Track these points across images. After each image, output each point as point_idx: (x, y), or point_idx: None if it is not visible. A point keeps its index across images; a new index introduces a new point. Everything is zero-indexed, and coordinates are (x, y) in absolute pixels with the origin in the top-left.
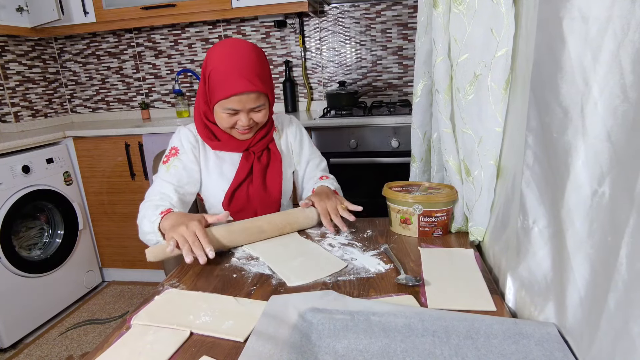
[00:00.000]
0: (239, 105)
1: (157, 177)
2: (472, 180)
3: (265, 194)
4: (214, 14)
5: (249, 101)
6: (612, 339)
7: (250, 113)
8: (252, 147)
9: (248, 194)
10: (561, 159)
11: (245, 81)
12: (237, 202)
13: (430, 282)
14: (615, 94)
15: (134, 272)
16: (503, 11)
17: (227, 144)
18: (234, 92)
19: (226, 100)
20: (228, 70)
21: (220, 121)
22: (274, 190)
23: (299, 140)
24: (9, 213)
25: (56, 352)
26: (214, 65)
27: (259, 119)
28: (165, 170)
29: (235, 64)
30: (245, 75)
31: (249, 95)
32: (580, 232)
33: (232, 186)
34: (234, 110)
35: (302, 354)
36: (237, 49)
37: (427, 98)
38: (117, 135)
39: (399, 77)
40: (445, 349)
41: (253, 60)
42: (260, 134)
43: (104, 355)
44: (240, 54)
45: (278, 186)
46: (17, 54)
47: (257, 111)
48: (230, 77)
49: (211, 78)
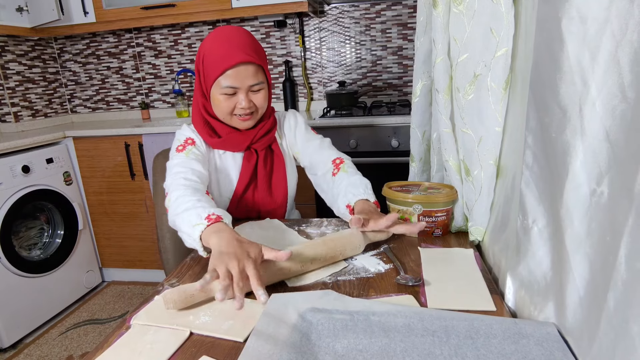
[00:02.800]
0: (237, 82)
1: (174, 164)
2: (471, 180)
3: (271, 199)
4: (214, 14)
5: (248, 76)
6: (612, 339)
7: (250, 94)
8: (255, 143)
9: (254, 199)
10: (560, 158)
11: (241, 52)
12: (241, 208)
13: (430, 282)
14: (613, 93)
15: (134, 272)
16: (503, 11)
17: (228, 140)
18: (230, 63)
19: (223, 77)
20: (222, 46)
21: (219, 105)
22: (279, 195)
23: (293, 128)
24: (9, 213)
25: (56, 352)
26: (206, 48)
27: (259, 101)
28: (185, 156)
29: (228, 40)
30: (241, 48)
31: (247, 67)
32: (579, 231)
33: (238, 192)
34: (232, 88)
35: (302, 354)
36: (229, 30)
37: (427, 98)
38: (117, 135)
39: (398, 77)
40: (445, 348)
41: (246, 36)
42: (263, 129)
43: (104, 355)
44: (232, 33)
45: (284, 191)
46: (17, 54)
47: (256, 91)
48: (224, 52)
49: (205, 62)
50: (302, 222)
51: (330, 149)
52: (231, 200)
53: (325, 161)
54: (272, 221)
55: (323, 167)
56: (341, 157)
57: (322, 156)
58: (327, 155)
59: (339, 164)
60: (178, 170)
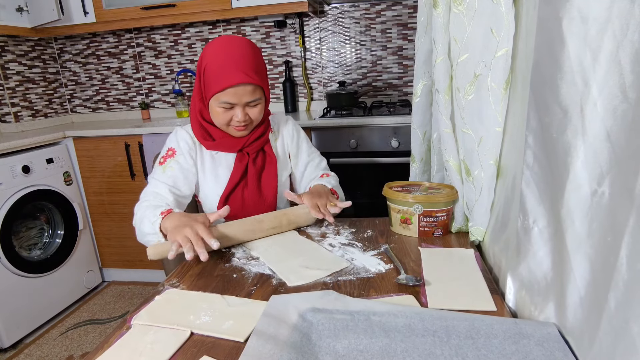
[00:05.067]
0: (235, 99)
1: (152, 177)
2: (472, 180)
3: (260, 198)
4: (214, 14)
5: (245, 94)
6: (613, 339)
7: (246, 108)
8: (247, 147)
9: (243, 197)
10: (561, 158)
11: (241, 73)
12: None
13: (431, 282)
14: (614, 94)
15: (134, 272)
16: (503, 11)
17: (222, 143)
18: (230, 84)
19: (222, 93)
20: (223, 63)
21: (216, 116)
22: (269, 194)
23: (296, 141)
24: (9, 213)
25: (56, 352)
26: (209, 59)
27: (255, 114)
28: (162, 172)
29: (231, 57)
30: (241, 68)
31: (245, 87)
32: (580, 231)
33: (227, 190)
34: (230, 104)
35: (302, 354)
36: (233, 43)
37: (427, 98)
38: (117, 135)
39: (399, 77)
40: (446, 348)
41: (249, 53)
42: (255, 134)
43: (104, 356)
44: (235, 47)
45: (273, 190)
46: (17, 54)
47: (253, 106)
48: (225, 69)
49: (206, 72)
50: None
51: (324, 170)
52: (220, 198)
53: (315, 180)
54: None
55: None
56: (329, 174)
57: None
58: (319, 174)
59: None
60: (146, 192)
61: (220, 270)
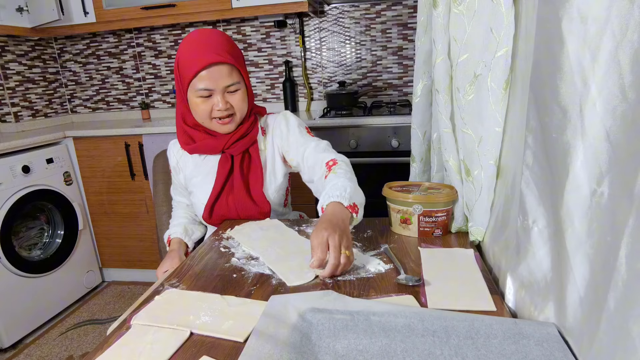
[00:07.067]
0: (211, 83)
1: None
2: (472, 180)
3: (252, 203)
4: (214, 14)
5: (222, 77)
6: (612, 339)
7: (226, 95)
8: (230, 148)
9: (228, 205)
10: (560, 159)
11: (212, 53)
12: (217, 215)
13: (430, 282)
14: (613, 94)
15: (134, 272)
16: (503, 11)
17: (202, 145)
18: (202, 65)
19: (197, 79)
20: (194, 49)
21: (197, 109)
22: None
23: (285, 134)
24: (9, 213)
25: (56, 352)
26: (180, 52)
27: (236, 102)
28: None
29: (200, 41)
30: (212, 49)
31: (219, 68)
32: (579, 232)
33: (212, 197)
34: (207, 90)
35: (302, 354)
36: (203, 32)
37: (427, 98)
38: (117, 135)
39: (398, 77)
40: (445, 349)
41: (219, 37)
42: (239, 132)
43: (104, 356)
44: (204, 35)
45: (261, 197)
46: (17, 54)
47: (233, 91)
48: (196, 53)
49: (180, 66)
50: (302, 222)
51: (325, 152)
52: (205, 205)
53: (320, 165)
54: (272, 221)
55: (319, 171)
56: (335, 158)
57: (317, 160)
58: (322, 158)
59: (332, 166)
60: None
61: (219, 270)
